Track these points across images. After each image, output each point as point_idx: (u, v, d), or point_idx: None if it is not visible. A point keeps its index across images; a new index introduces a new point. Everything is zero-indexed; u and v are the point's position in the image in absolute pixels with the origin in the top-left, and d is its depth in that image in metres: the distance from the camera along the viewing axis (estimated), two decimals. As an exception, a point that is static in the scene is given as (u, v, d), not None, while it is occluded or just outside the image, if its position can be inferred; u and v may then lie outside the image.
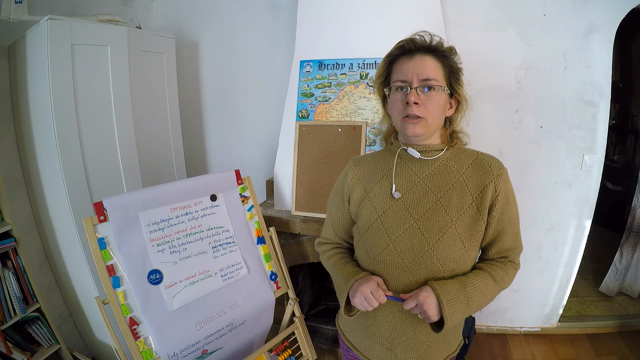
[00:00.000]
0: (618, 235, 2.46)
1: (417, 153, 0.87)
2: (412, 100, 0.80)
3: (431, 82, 0.80)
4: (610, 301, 2.42)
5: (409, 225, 0.84)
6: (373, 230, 0.88)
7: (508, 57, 1.84)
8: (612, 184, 3.37)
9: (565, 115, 1.84)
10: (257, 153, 2.36)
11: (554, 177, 1.93)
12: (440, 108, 0.82)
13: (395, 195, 0.87)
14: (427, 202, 0.84)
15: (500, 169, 0.85)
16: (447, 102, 0.85)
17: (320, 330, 2.08)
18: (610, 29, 1.72)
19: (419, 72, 0.80)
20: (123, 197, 1.18)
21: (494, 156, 0.88)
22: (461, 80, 0.86)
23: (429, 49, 0.83)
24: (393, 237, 0.84)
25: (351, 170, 0.97)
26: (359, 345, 0.97)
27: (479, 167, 0.86)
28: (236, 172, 1.48)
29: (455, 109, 0.88)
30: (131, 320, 1.12)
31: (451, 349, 0.95)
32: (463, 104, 0.87)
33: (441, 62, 0.83)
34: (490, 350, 2.10)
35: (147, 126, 1.85)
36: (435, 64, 0.82)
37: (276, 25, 2.14)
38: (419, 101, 0.80)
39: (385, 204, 0.88)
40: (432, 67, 0.81)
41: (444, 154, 0.88)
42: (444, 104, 0.83)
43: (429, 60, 0.82)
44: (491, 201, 0.83)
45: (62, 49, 1.42)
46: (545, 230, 2.01)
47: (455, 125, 0.90)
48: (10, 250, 1.47)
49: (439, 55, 0.83)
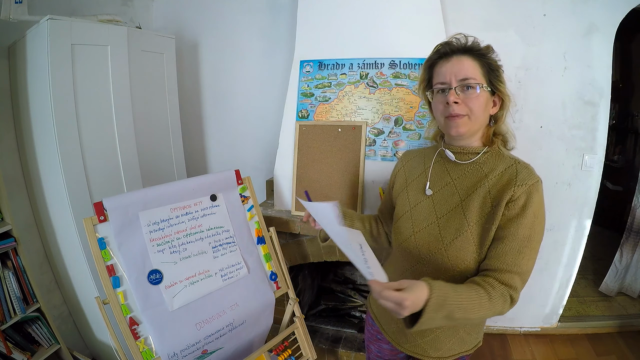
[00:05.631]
0: (618, 235, 2.46)
1: (452, 155, 0.90)
2: (452, 99, 0.83)
3: (469, 81, 0.82)
4: (610, 301, 2.42)
5: (431, 222, 0.88)
6: (403, 220, 0.95)
7: (508, 57, 1.82)
8: (612, 184, 3.37)
9: (565, 115, 1.84)
10: (257, 153, 2.36)
11: (554, 177, 1.93)
12: (481, 105, 0.83)
13: (427, 192, 0.92)
14: (452, 203, 0.87)
15: (529, 179, 0.79)
16: (488, 100, 0.85)
17: (320, 330, 2.08)
18: (610, 29, 1.72)
19: (457, 72, 0.83)
20: (123, 197, 1.18)
21: (531, 167, 0.83)
22: (502, 78, 0.85)
23: (464, 49, 0.85)
24: (416, 230, 0.90)
25: (400, 161, 1.08)
26: (381, 318, 1.06)
27: (508, 174, 0.82)
28: (236, 172, 1.48)
29: (499, 107, 0.88)
30: (131, 320, 1.12)
31: (465, 346, 0.95)
32: (506, 100, 0.87)
33: (478, 61, 0.84)
34: (490, 350, 2.10)
35: (147, 126, 1.85)
36: (473, 63, 0.83)
37: (276, 25, 2.14)
38: (458, 100, 0.83)
39: (417, 198, 0.94)
40: (469, 67, 0.83)
41: (480, 157, 0.88)
42: (484, 101, 0.84)
43: (465, 61, 0.84)
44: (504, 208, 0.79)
45: (62, 49, 1.42)
46: (545, 230, 2.01)
47: (500, 123, 0.89)
48: (10, 250, 1.47)
49: (476, 55, 0.84)
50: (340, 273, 2.55)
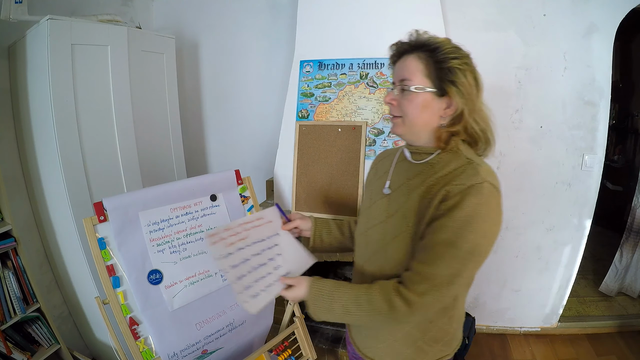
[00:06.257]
0: (618, 235, 2.46)
1: (408, 154, 0.89)
2: (386, 100, 0.83)
3: (405, 81, 0.79)
4: (610, 301, 2.42)
5: (381, 220, 0.87)
6: (362, 216, 0.97)
7: (508, 57, 1.84)
8: (612, 184, 3.37)
9: (565, 115, 1.84)
10: (257, 153, 2.36)
11: (554, 177, 1.93)
12: (415, 107, 0.79)
13: (385, 190, 0.90)
14: (400, 203, 0.84)
15: (470, 180, 0.72)
16: (432, 101, 0.78)
17: (320, 330, 2.08)
18: (610, 29, 1.72)
19: (398, 72, 0.82)
20: (123, 197, 1.17)
21: (484, 169, 0.75)
22: (457, 76, 0.75)
23: (412, 47, 0.80)
24: (369, 227, 0.91)
25: (375, 159, 1.07)
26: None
27: (453, 175, 0.76)
28: (236, 172, 1.48)
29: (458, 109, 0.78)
30: (131, 320, 1.12)
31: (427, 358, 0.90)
32: (455, 101, 0.77)
33: (425, 59, 0.78)
34: (490, 350, 2.10)
35: (147, 126, 1.85)
36: (416, 62, 0.79)
37: (276, 25, 2.14)
38: (393, 102, 0.82)
39: (376, 196, 0.93)
40: (410, 66, 0.79)
41: (434, 158, 0.83)
42: (422, 103, 0.78)
43: (409, 60, 0.80)
44: (434, 208, 0.74)
45: (62, 49, 1.42)
46: (545, 230, 2.01)
47: (458, 126, 0.80)
48: (10, 250, 1.47)
49: (424, 52, 0.78)
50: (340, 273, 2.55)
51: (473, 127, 0.80)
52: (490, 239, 0.74)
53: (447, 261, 0.71)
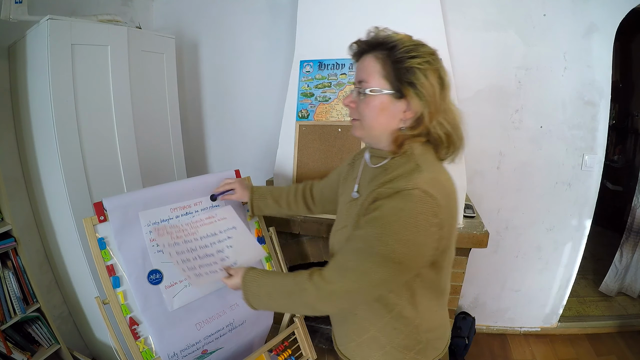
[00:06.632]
0: (618, 235, 2.47)
1: (368, 157, 0.88)
2: (344, 102, 0.82)
3: (362, 83, 0.76)
4: (610, 301, 2.42)
5: (342, 225, 0.88)
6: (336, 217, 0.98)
7: (508, 57, 1.84)
8: (612, 184, 3.37)
9: (565, 115, 1.84)
10: (257, 153, 2.36)
11: (554, 177, 1.93)
12: (372, 110, 0.76)
13: (353, 195, 0.89)
14: (355, 206, 0.84)
15: (401, 185, 0.69)
16: (390, 104, 0.74)
17: (320, 330, 2.08)
18: (610, 29, 1.72)
19: (357, 73, 0.80)
20: (123, 197, 1.17)
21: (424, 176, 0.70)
22: (417, 77, 0.70)
23: (368, 46, 0.77)
24: (335, 230, 0.93)
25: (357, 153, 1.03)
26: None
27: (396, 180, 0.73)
28: (236, 172, 1.48)
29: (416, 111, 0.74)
30: (131, 320, 1.12)
31: None
32: (412, 104, 0.72)
33: (382, 59, 0.73)
34: (490, 350, 2.10)
35: (147, 126, 1.85)
36: (373, 62, 0.74)
37: (276, 25, 2.14)
38: (351, 104, 0.81)
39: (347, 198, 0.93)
40: (368, 66, 0.75)
41: (388, 162, 0.80)
42: (379, 106, 0.75)
43: (366, 60, 0.76)
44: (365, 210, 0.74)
45: (62, 49, 1.42)
46: (545, 230, 2.01)
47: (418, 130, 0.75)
48: (10, 250, 1.47)
49: (381, 50, 0.74)
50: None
51: (436, 130, 0.75)
52: (411, 248, 0.68)
53: (358, 258, 0.72)
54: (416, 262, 0.72)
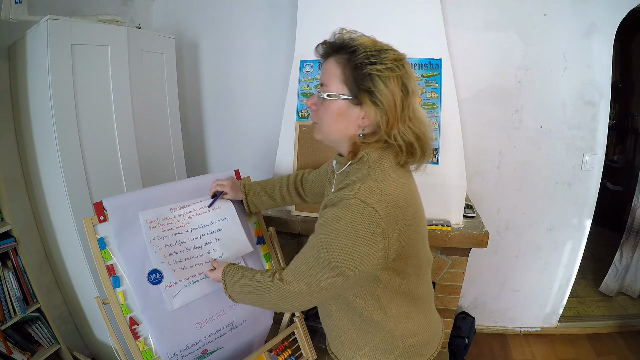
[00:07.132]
0: (618, 235, 2.47)
1: (334, 162, 0.88)
2: (306, 104, 0.83)
3: (322, 87, 0.76)
4: (610, 301, 2.42)
5: None
6: None
7: (508, 57, 1.84)
8: (612, 184, 3.37)
9: (565, 115, 1.84)
10: (257, 153, 2.36)
11: (554, 177, 1.93)
12: (329, 115, 0.75)
13: None
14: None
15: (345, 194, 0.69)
16: (347, 110, 0.73)
17: (320, 330, 2.08)
18: (610, 29, 1.72)
19: (321, 76, 0.80)
20: (123, 197, 1.17)
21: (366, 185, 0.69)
22: (376, 84, 0.68)
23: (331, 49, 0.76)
24: None
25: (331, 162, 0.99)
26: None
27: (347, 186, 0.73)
28: (236, 172, 1.48)
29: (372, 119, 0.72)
30: (131, 320, 1.12)
31: None
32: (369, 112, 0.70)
33: (342, 63, 0.72)
34: (490, 350, 2.10)
35: (147, 126, 1.85)
36: (334, 66, 0.74)
37: (276, 25, 2.14)
38: (312, 106, 0.81)
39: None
40: (329, 70, 0.75)
41: (347, 168, 0.80)
42: (336, 111, 0.74)
43: (328, 64, 0.76)
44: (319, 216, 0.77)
45: (62, 49, 1.42)
46: (545, 230, 2.02)
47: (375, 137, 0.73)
48: (10, 250, 1.47)
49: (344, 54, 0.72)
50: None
51: (397, 139, 0.72)
52: (353, 257, 0.67)
53: (308, 261, 0.74)
54: (359, 270, 0.69)
